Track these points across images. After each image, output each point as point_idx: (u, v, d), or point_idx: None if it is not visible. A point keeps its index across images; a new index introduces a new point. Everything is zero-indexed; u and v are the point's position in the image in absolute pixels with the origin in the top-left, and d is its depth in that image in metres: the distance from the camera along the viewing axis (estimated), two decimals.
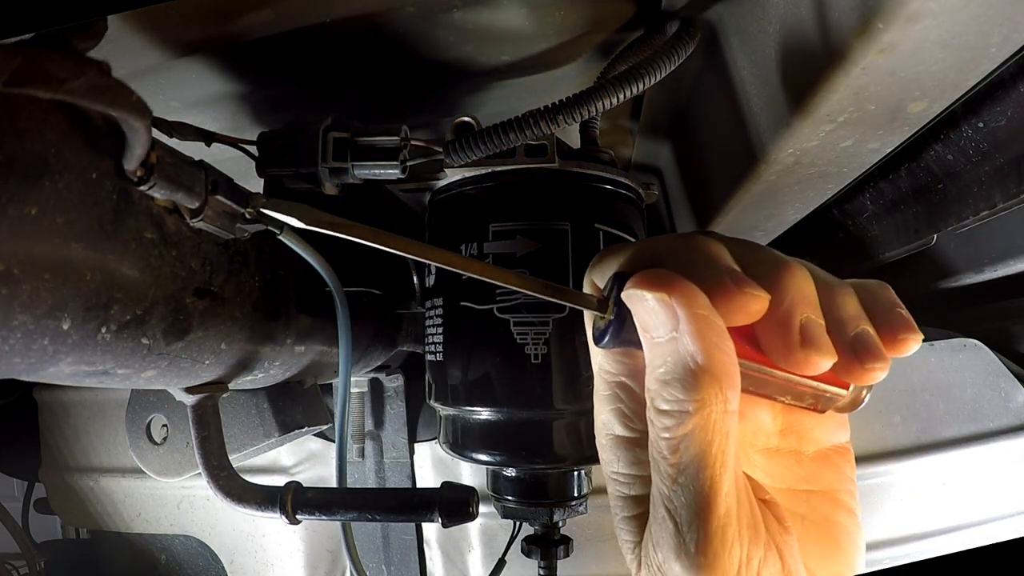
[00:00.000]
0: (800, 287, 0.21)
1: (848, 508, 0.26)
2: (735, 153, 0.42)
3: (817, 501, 0.26)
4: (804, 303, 0.21)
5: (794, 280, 0.21)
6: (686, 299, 0.20)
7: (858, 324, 0.22)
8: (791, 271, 0.21)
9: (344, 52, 0.39)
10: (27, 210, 0.19)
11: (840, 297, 0.22)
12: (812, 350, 0.21)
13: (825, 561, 0.25)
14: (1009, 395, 0.58)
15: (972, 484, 0.58)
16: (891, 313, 0.23)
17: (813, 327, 0.21)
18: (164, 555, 0.71)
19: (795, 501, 0.26)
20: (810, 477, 0.27)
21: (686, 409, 0.21)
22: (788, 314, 0.21)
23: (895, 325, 0.23)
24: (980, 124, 0.45)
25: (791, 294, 0.21)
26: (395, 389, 0.63)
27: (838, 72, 0.28)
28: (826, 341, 0.21)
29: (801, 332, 0.21)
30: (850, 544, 0.26)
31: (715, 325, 0.20)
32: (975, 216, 0.50)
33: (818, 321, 0.21)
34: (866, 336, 0.22)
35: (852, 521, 0.26)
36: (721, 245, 0.22)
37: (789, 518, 0.26)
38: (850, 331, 0.22)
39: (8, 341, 0.21)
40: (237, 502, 0.38)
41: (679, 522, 0.21)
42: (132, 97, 0.19)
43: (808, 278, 0.22)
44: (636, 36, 0.40)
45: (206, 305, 0.30)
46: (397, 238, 0.23)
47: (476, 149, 0.35)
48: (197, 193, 0.26)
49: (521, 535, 0.44)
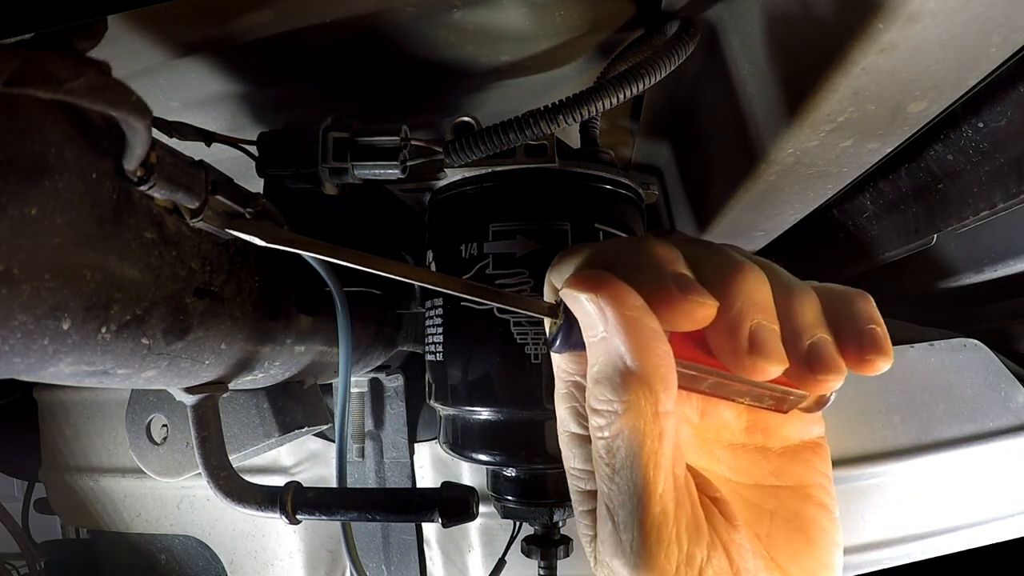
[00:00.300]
0: (752, 292, 0.21)
1: (820, 503, 0.26)
2: (735, 153, 0.42)
3: (787, 497, 0.26)
4: (755, 308, 0.20)
5: (746, 284, 0.21)
6: (614, 299, 0.20)
7: (814, 332, 0.21)
8: (744, 275, 0.21)
9: (344, 52, 0.39)
10: (27, 210, 0.19)
11: (798, 302, 0.21)
12: (760, 357, 0.20)
13: (796, 557, 0.25)
14: (1009, 395, 0.58)
15: (972, 484, 0.58)
16: (863, 328, 0.22)
17: (763, 333, 0.20)
18: (164, 555, 0.71)
19: (763, 497, 0.26)
20: (779, 472, 0.26)
21: (615, 409, 0.21)
22: (737, 320, 0.20)
23: (864, 342, 0.22)
24: (980, 124, 0.45)
25: (741, 299, 0.20)
26: (395, 389, 0.63)
27: (838, 72, 0.28)
28: (776, 348, 0.20)
29: (750, 338, 0.20)
30: (824, 540, 0.26)
31: (645, 327, 0.20)
32: (975, 216, 0.50)
33: (770, 327, 0.21)
34: (821, 345, 0.21)
35: (825, 517, 0.26)
36: (673, 249, 0.22)
37: (754, 514, 0.26)
38: (805, 339, 0.21)
39: (8, 341, 0.21)
40: (237, 502, 0.38)
41: (616, 521, 0.21)
42: (132, 97, 0.19)
43: (762, 282, 0.21)
44: (636, 36, 0.40)
45: (206, 305, 0.30)
46: (354, 253, 0.23)
47: (476, 149, 0.35)
48: (197, 193, 0.26)
49: (521, 535, 0.44)
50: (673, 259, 0.21)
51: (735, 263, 0.21)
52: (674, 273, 0.21)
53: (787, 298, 0.21)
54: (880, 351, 0.21)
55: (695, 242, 0.23)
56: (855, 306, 0.22)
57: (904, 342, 0.59)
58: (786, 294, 0.22)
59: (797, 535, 0.26)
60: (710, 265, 0.21)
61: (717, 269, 0.21)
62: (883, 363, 0.22)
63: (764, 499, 0.26)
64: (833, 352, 0.21)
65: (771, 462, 0.27)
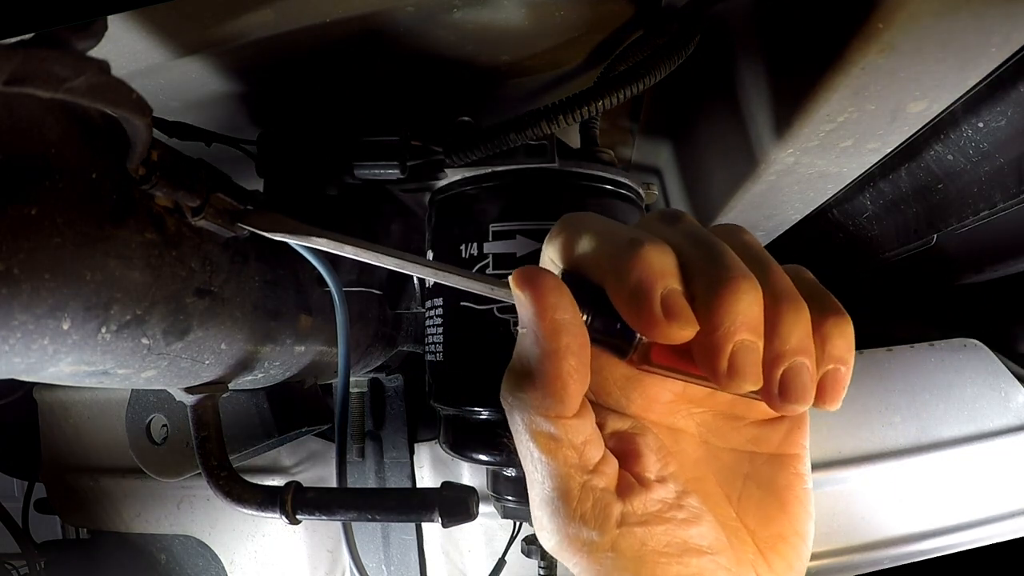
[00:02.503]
0: (740, 312, 0.20)
1: (795, 472, 0.26)
2: (735, 153, 0.42)
3: (762, 463, 0.27)
4: (742, 329, 0.20)
5: (736, 306, 0.20)
6: (540, 305, 0.21)
7: (795, 356, 0.21)
8: (735, 295, 0.20)
9: (344, 52, 0.39)
10: (27, 210, 0.19)
11: (788, 323, 0.21)
12: (737, 378, 0.20)
13: (767, 523, 0.26)
14: (1009, 395, 0.58)
15: (972, 484, 0.58)
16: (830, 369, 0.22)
17: (743, 355, 0.20)
18: (164, 555, 0.71)
19: (738, 461, 0.27)
20: (756, 440, 0.27)
21: (510, 403, 0.23)
22: (720, 341, 0.20)
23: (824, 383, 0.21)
24: (980, 124, 0.45)
25: (728, 321, 0.20)
26: (395, 389, 0.63)
27: (838, 72, 0.29)
28: (754, 371, 0.20)
29: (730, 360, 0.20)
30: (796, 508, 0.26)
31: (560, 338, 0.21)
32: (975, 216, 0.50)
33: (752, 347, 0.20)
34: (796, 373, 0.21)
35: (799, 485, 0.26)
36: (668, 256, 0.21)
37: (728, 477, 0.26)
38: (784, 363, 0.21)
39: (8, 341, 0.21)
40: (237, 502, 0.38)
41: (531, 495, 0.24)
42: (132, 95, 0.19)
43: (753, 300, 0.20)
44: (636, 36, 0.40)
45: (206, 305, 0.30)
46: (357, 240, 0.23)
47: (476, 149, 0.35)
48: (198, 191, 0.26)
49: (521, 535, 0.44)
50: (665, 272, 0.21)
51: (729, 278, 0.20)
52: (663, 293, 0.20)
53: (777, 313, 0.21)
54: (835, 398, 0.22)
55: (696, 241, 0.22)
56: (831, 342, 0.22)
57: (904, 342, 0.59)
58: (777, 309, 0.21)
59: (770, 500, 0.26)
60: (702, 273, 0.21)
61: (709, 283, 0.21)
62: (832, 406, 0.22)
63: (739, 463, 0.27)
64: (806, 381, 0.21)
65: (750, 429, 0.27)
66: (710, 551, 0.24)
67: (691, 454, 0.27)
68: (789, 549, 0.26)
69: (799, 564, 0.26)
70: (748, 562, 0.25)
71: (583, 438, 0.23)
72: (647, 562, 0.23)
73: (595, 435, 0.23)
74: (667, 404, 0.26)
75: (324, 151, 0.36)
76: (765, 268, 0.22)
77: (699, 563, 0.23)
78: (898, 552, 0.58)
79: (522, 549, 0.42)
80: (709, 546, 0.24)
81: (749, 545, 0.25)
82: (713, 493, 0.26)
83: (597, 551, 0.23)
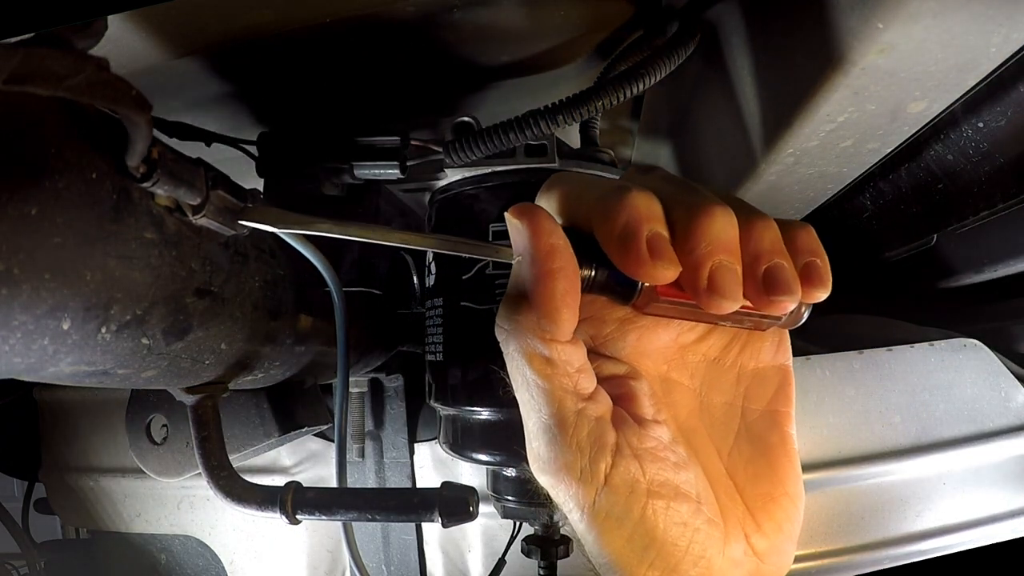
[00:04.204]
0: (716, 233, 0.22)
1: (783, 430, 0.27)
2: (735, 153, 0.42)
3: (753, 418, 0.27)
4: (718, 249, 0.21)
5: (712, 227, 0.22)
6: (535, 231, 0.22)
7: (771, 258, 0.22)
8: (711, 217, 0.22)
9: (344, 52, 0.39)
10: (27, 210, 0.19)
11: (759, 231, 0.22)
12: (717, 295, 0.21)
13: (756, 480, 0.26)
14: (1009, 395, 0.58)
15: (972, 484, 0.58)
16: (806, 260, 0.23)
17: (722, 273, 0.21)
18: (164, 555, 0.71)
19: (730, 416, 0.28)
20: (749, 393, 0.28)
21: (507, 328, 0.24)
22: (699, 261, 0.21)
23: (808, 273, 0.23)
24: (980, 124, 0.45)
25: (705, 241, 0.21)
26: (395, 389, 0.63)
27: (838, 72, 0.29)
28: (733, 287, 0.22)
29: (709, 278, 0.21)
30: (786, 467, 0.27)
31: (553, 262, 0.22)
32: (975, 216, 0.50)
33: (730, 267, 0.22)
34: (777, 269, 0.22)
35: (787, 442, 0.27)
36: (653, 200, 0.22)
37: (720, 432, 0.27)
38: (763, 264, 0.22)
39: (8, 341, 0.21)
40: (237, 502, 0.38)
41: (527, 429, 0.24)
42: (132, 92, 0.19)
43: (728, 223, 0.22)
44: (636, 36, 0.40)
45: (206, 305, 0.30)
46: (361, 225, 0.24)
47: (476, 149, 0.35)
48: (198, 189, 0.26)
49: (521, 535, 0.44)
50: (651, 215, 0.22)
51: (704, 205, 0.22)
52: (649, 234, 0.21)
53: (748, 228, 0.22)
54: (822, 283, 0.23)
55: (672, 182, 0.24)
56: (799, 239, 0.23)
57: (904, 342, 0.59)
58: (748, 223, 0.23)
59: (759, 458, 0.27)
60: (681, 205, 0.22)
61: (687, 210, 0.22)
62: (822, 293, 0.23)
63: (731, 418, 0.28)
64: (787, 275, 0.22)
65: (742, 382, 0.28)
66: (698, 500, 0.24)
67: (684, 405, 0.27)
68: (779, 509, 0.26)
69: (788, 526, 0.26)
70: (736, 519, 0.25)
71: (577, 365, 0.24)
72: (639, 499, 0.23)
73: (588, 367, 0.24)
74: (661, 351, 0.27)
75: (324, 151, 0.36)
76: (734, 201, 0.24)
77: (687, 509, 0.24)
78: (898, 552, 0.58)
79: (522, 549, 0.42)
80: (697, 496, 0.24)
81: (738, 503, 0.26)
82: (704, 446, 0.27)
83: (591, 482, 0.23)
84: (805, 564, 0.57)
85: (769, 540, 0.26)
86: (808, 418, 0.57)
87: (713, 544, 0.24)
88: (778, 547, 0.26)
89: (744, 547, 0.25)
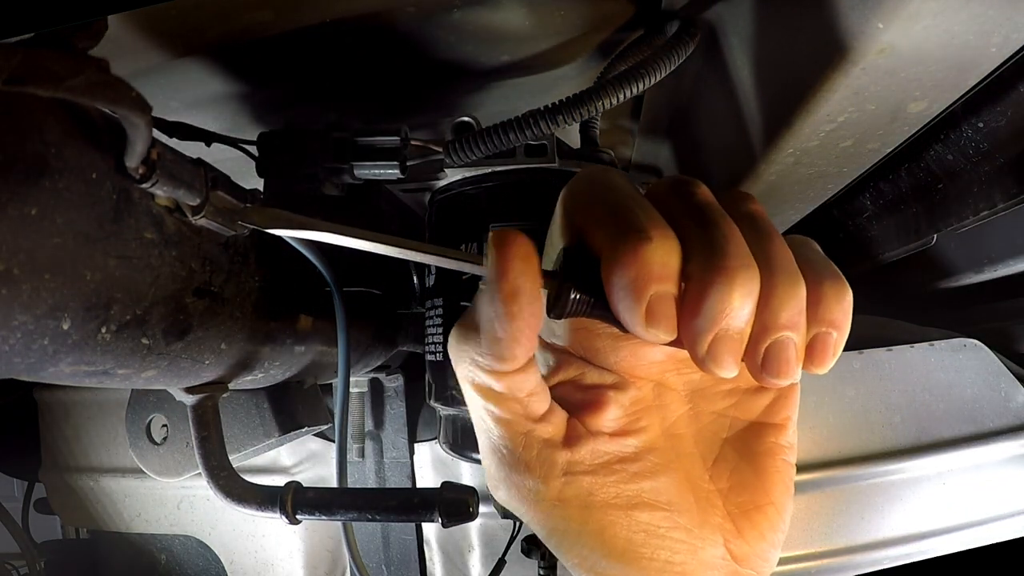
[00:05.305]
0: (728, 306, 0.20)
1: (775, 441, 0.26)
2: (735, 153, 0.42)
3: (742, 428, 0.27)
4: (724, 321, 0.20)
5: (726, 299, 0.20)
6: (502, 267, 0.20)
7: (781, 331, 0.20)
8: (727, 289, 0.19)
9: (344, 52, 0.39)
10: (27, 210, 0.19)
11: (777, 302, 0.20)
12: (712, 364, 0.20)
13: (740, 488, 0.26)
14: (1009, 395, 0.58)
15: (972, 484, 0.58)
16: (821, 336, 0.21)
17: (721, 345, 0.20)
18: (164, 555, 0.71)
19: (719, 424, 0.27)
20: (740, 405, 0.27)
21: (454, 354, 0.24)
22: (697, 333, 0.20)
23: (815, 349, 0.21)
24: (980, 124, 0.45)
25: (711, 315, 0.20)
26: (395, 389, 0.63)
27: (838, 72, 0.29)
28: (730, 361, 0.20)
29: (709, 348, 0.20)
30: (773, 476, 0.26)
31: (509, 305, 0.20)
32: (975, 216, 0.50)
33: (734, 338, 0.20)
34: (780, 348, 0.20)
35: (778, 454, 0.26)
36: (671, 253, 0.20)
37: (707, 440, 0.26)
38: (769, 338, 0.20)
39: (8, 341, 0.21)
40: (237, 502, 0.38)
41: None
42: (132, 93, 0.19)
43: (747, 292, 0.20)
44: (636, 36, 0.40)
45: (206, 305, 0.30)
46: (361, 231, 0.23)
47: (476, 149, 0.35)
48: (198, 189, 0.26)
49: (521, 535, 0.44)
50: (663, 274, 0.20)
51: (724, 269, 0.20)
52: (654, 296, 0.20)
53: (770, 287, 0.20)
54: (823, 361, 0.21)
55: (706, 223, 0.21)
56: (823, 307, 0.21)
57: (904, 342, 0.59)
58: (770, 281, 0.20)
59: (745, 466, 0.26)
60: (700, 257, 0.20)
61: (704, 271, 0.20)
62: (821, 370, 0.21)
63: (719, 426, 0.27)
64: (789, 355, 0.20)
65: (736, 395, 0.27)
66: (666, 507, 0.24)
67: (672, 410, 0.26)
68: (762, 518, 0.25)
69: (772, 535, 0.25)
70: (714, 525, 0.25)
71: (528, 390, 0.23)
72: (594, 513, 0.23)
73: (540, 387, 0.24)
74: (656, 364, 0.26)
75: (324, 151, 0.36)
76: (765, 240, 0.21)
77: (651, 517, 0.23)
78: (898, 552, 0.58)
79: (522, 549, 0.42)
80: (667, 502, 0.24)
81: (718, 509, 0.25)
82: (687, 452, 0.26)
83: (543, 500, 0.23)
84: (805, 564, 0.57)
85: (750, 547, 0.25)
86: (808, 418, 0.57)
87: (684, 550, 0.23)
88: (760, 554, 0.25)
89: (722, 552, 0.25)
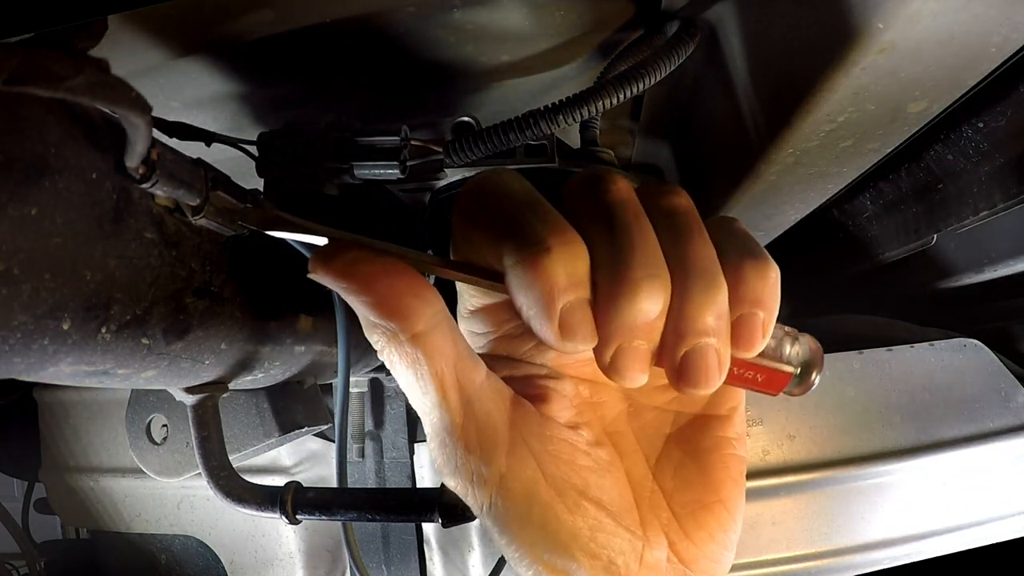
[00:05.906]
0: (634, 315, 0.19)
1: (720, 435, 0.25)
2: (735, 153, 0.42)
3: (685, 423, 0.26)
4: (629, 330, 0.19)
5: (631, 307, 0.19)
6: (347, 281, 0.21)
7: (697, 339, 0.19)
8: (632, 296, 0.19)
9: (344, 52, 0.39)
10: (27, 210, 0.19)
11: (693, 308, 0.19)
12: (617, 376, 0.20)
13: (685, 487, 0.25)
14: (1009, 395, 0.58)
15: (972, 484, 0.58)
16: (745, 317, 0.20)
17: (625, 356, 0.20)
18: (164, 555, 0.71)
19: (661, 419, 0.26)
20: (681, 398, 0.26)
21: (373, 341, 0.22)
22: (604, 342, 0.20)
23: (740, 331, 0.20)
24: (980, 124, 0.45)
25: (616, 323, 0.19)
26: (395, 389, 0.63)
27: (838, 72, 0.29)
28: (636, 372, 0.20)
29: (612, 358, 0.20)
30: (720, 472, 0.25)
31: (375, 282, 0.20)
32: (975, 216, 0.50)
33: (638, 348, 0.20)
34: (697, 356, 0.19)
35: (724, 448, 0.25)
36: (576, 260, 0.19)
37: (649, 437, 0.25)
38: (684, 346, 0.19)
39: (8, 341, 0.21)
40: (237, 502, 0.38)
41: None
42: (132, 93, 0.19)
43: (653, 299, 0.19)
44: (636, 36, 0.40)
45: (206, 305, 0.30)
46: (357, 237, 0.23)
47: (476, 149, 0.35)
48: (198, 189, 0.26)
49: None
50: (570, 284, 0.19)
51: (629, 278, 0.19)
52: (564, 308, 0.19)
53: (684, 290, 0.20)
54: (750, 344, 0.20)
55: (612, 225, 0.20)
56: (745, 285, 0.20)
57: (904, 342, 0.59)
58: (684, 284, 0.20)
59: (689, 463, 0.25)
60: (607, 266, 0.20)
61: (610, 281, 0.19)
62: (747, 354, 0.21)
63: (662, 422, 0.26)
64: (708, 363, 0.19)
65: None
66: (610, 507, 0.23)
67: (611, 407, 0.26)
68: (710, 517, 0.24)
69: (721, 535, 0.24)
70: (659, 526, 0.24)
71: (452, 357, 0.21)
72: (538, 503, 0.22)
73: (467, 351, 0.22)
74: (586, 361, 0.25)
75: (324, 151, 0.36)
76: (682, 240, 0.21)
77: (596, 515, 0.22)
78: (898, 552, 0.58)
79: None
80: (610, 501, 0.23)
81: (663, 509, 0.24)
82: (629, 451, 0.25)
83: (485, 484, 0.22)
84: (805, 564, 0.57)
85: (699, 548, 0.24)
86: (808, 418, 0.57)
87: (626, 550, 0.23)
88: (709, 555, 0.24)
89: (667, 554, 0.24)
